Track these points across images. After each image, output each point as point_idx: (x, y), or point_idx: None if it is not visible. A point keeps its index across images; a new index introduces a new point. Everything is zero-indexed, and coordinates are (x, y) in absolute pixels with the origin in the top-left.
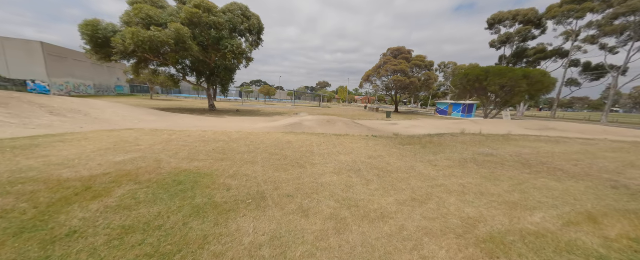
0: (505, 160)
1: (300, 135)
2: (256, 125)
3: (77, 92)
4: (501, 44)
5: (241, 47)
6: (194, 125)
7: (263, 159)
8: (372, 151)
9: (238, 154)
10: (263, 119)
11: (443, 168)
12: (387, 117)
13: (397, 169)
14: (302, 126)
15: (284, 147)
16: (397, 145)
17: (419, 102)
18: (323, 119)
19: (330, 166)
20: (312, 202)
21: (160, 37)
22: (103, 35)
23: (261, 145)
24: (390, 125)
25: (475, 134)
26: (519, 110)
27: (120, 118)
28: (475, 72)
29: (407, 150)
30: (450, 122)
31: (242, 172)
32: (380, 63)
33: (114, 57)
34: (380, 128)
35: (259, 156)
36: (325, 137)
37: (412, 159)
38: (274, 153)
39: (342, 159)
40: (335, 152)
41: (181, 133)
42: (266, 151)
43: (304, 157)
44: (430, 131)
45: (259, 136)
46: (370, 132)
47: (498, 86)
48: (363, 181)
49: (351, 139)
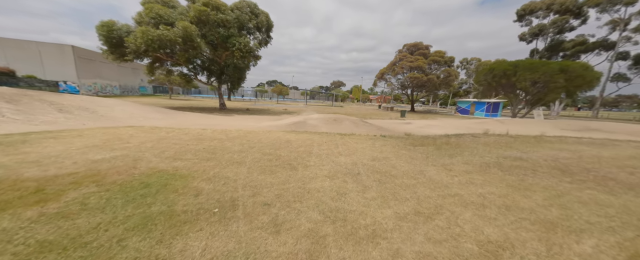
0: (538, 165)
1: (302, 134)
2: (260, 123)
3: (103, 92)
4: (533, 36)
5: (248, 45)
6: (197, 123)
7: (253, 160)
8: (378, 152)
9: (228, 154)
10: (270, 117)
11: (459, 173)
12: (401, 116)
13: (403, 174)
14: (306, 125)
15: (281, 147)
16: (407, 146)
17: (438, 101)
18: (329, 117)
19: (326, 168)
20: (290, 213)
21: (168, 36)
22: (117, 35)
23: (257, 144)
24: (403, 124)
25: (501, 134)
26: (553, 109)
27: (127, 116)
28: (502, 67)
29: (418, 152)
30: (471, 122)
31: (222, 174)
32: (395, 60)
33: (127, 57)
34: (391, 127)
35: (250, 156)
36: (328, 137)
37: (422, 162)
38: (268, 153)
39: (341, 160)
40: (335, 152)
41: (179, 131)
42: (260, 151)
43: (298, 158)
44: (447, 131)
45: (258, 135)
46: (379, 131)
47: (529, 82)
48: (359, 187)
49: (356, 139)
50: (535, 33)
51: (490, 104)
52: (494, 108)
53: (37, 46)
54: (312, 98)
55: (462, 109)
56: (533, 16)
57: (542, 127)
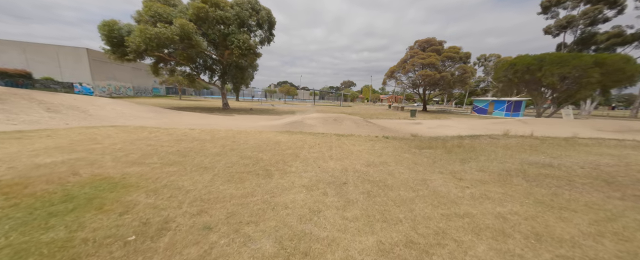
0: (575, 174)
1: (295, 134)
2: (257, 123)
3: (117, 93)
4: (560, 29)
5: (248, 42)
6: (190, 123)
7: (225, 165)
8: (376, 156)
9: (200, 157)
10: (270, 117)
11: (472, 184)
12: (410, 116)
13: (401, 184)
14: (303, 125)
15: (266, 149)
16: (411, 149)
17: (452, 101)
18: (329, 117)
19: (307, 176)
20: (232, 243)
21: (165, 34)
22: (118, 34)
23: (240, 146)
24: (411, 124)
25: (525, 136)
26: (584, 108)
27: (117, 115)
28: (525, 61)
29: (424, 156)
30: (489, 122)
31: (176, 184)
32: (406, 57)
33: (128, 57)
34: (396, 127)
35: (225, 160)
36: (323, 138)
37: (427, 169)
38: (247, 156)
39: (329, 166)
40: (325, 156)
41: (164, 131)
42: (240, 153)
43: (280, 162)
44: (461, 132)
45: (247, 135)
46: (382, 132)
47: (557, 77)
48: (341, 202)
49: (355, 140)
50: (563, 25)
51: (511, 102)
52: (516, 107)
53: (55, 49)
54: (321, 98)
55: (479, 109)
56: (560, 7)
57: (574, 128)
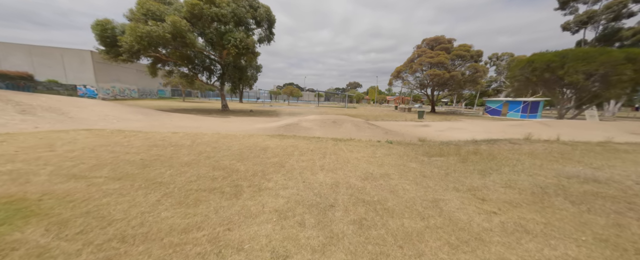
0: (632, 192)
1: (288, 139)
2: (251, 126)
3: (122, 95)
4: (579, 25)
5: (245, 41)
6: (177, 126)
7: (188, 179)
8: (376, 166)
9: (162, 168)
10: (269, 119)
11: (500, 207)
12: (418, 117)
13: (406, 206)
14: (298, 128)
15: (248, 157)
16: (418, 157)
17: (462, 102)
18: (328, 119)
19: (286, 194)
20: None
21: (156, 32)
22: (111, 34)
23: (219, 153)
24: (419, 127)
25: (550, 140)
26: (607, 109)
27: (98, 117)
28: (545, 58)
29: (434, 166)
30: (506, 125)
31: (104, 210)
32: (413, 56)
33: (122, 57)
34: (402, 130)
35: (190, 172)
36: (318, 143)
37: (439, 183)
38: (222, 167)
39: (318, 179)
40: (316, 166)
41: (142, 135)
42: (215, 163)
43: (258, 175)
44: (476, 135)
45: (234, 140)
46: (386, 135)
47: (582, 75)
48: (320, 238)
49: (354, 146)
50: (583, 21)
51: (528, 103)
52: (533, 108)
53: (60, 52)
54: (326, 100)
55: (492, 110)
56: (579, 2)
57: (605, 131)
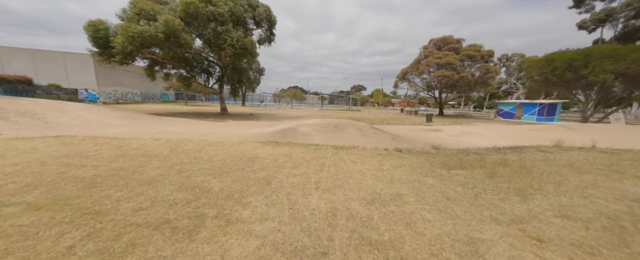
0: None
1: (282, 146)
2: (245, 131)
3: (124, 99)
4: (597, 23)
5: (242, 40)
6: (163, 132)
7: (136, 206)
8: (385, 182)
9: (114, 189)
10: (267, 123)
11: (571, 255)
12: (426, 121)
13: (432, 254)
14: (295, 133)
15: (229, 170)
16: (435, 169)
17: (470, 104)
18: (328, 123)
19: (262, 231)
20: None
21: (148, 31)
22: (104, 35)
23: (196, 165)
24: (429, 132)
25: (585, 148)
26: (629, 111)
27: (78, 123)
28: (566, 57)
29: (457, 182)
30: (525, 129)
31: None
32: (420, 57)
33: (115, 58)
34: (411, 136)
35: (147, 195)
36: (316, 151)
37: (470, 211)
38: (192, 185)
39: (310, 204)
40: (310, 183)
41: (117, 142)
42: (184, 181)
43: (233, 198)
44: (495, 142)
45: (220, 148)
46: (393, 142)
47: (611, 74)
48: None
49: (357, 155)
50: (601, 19)
51: (544, 105)
52: (550, 111)
53: (62, 56)
54: (330, 103)
55: (505, 112)
56: (596, 0)
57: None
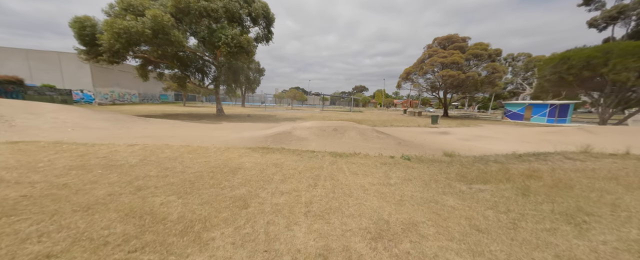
0: None
1: (273, 154)
2: (237, 134)
3: (121, 100)
4: (608, 21)
5: (237, 38)
6: (145, 135)
7: (42, 251)
8: (394, 204)
9: (23, 223)
10: (263, 125)
11: None
12: (432, 122)
13: None
14: (290, 137)
15: (201, 188)
16: (452, 184)
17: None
18: (328, 126)
19: None
20: None
21: (134, 27)
22: (90, 32)
23: (164, 179)
24: (436, 134)
25: (619, 154)
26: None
27: (51, 126)
28: (584, 54)
29: (484, 203)
30: (539, 131)
31: None
32: (424, 56)
33: (102, 57)
34: (418, 140)
35: (69, 230)
36: (311, 160)
37: (513, 250)
38: (142, 211)
39: (294, 242)
40: (299, 205)
41: (83, 149)
42: (136, 205)
43: (191, 231)
44: (512, 146)
45: (201, 155)
46: (399, 147)
47: (635, 72)
48: None
49: (359, 165)
50: (613, 17)
51: (555, 106)
52: (561, 112)
53: (57, 56)
54: (332, 104)
55: (513, 114)
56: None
57: None
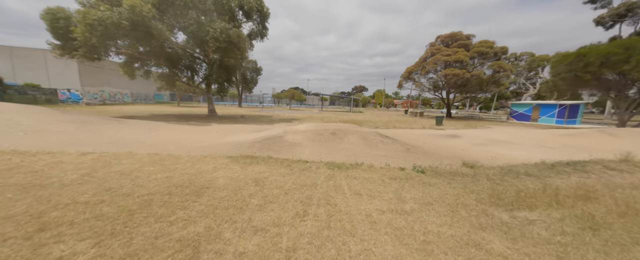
0: None
1: (256, 165)
2: (222, 138)
3: (112, 100)
4: (615, 18)
5: (227, 32)
6: (115, 141)
7: None
8: (414, 249)
9: None
10: (253, 127)
11: None
12: (436, 123)
13: None
14: (281, 143)
15: (137, 225)
16: (488, 210)
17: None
18: (325, 129)
19: None
20: None
21: (110, 18)
22: (64, 24)
23: (95, 208)
24: (445, 138)
25: None
26: None
27: (2, 130)
28: (602, 51)
29: (544, 248)
30: (555, 134)
31: None
32: (426, 55)
33: (77, 52)
34: (427, 145)
35: None
36: (303, 174)
37: None
38: None
39: None
40: (278, 254)
41: (19, 160)
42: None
43: None
44: (536, 154)
45: (168, 167)
46: (408, 155)
47: None
48: None
49: (363, 181)
50: (621, 14)
51: (565, 106)
52: (571, 112)
53: (43, 54)
54: (331, 104)
55: (519, 114)
56: None
57: None
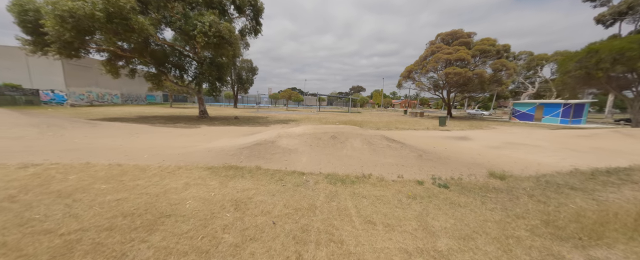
0: None
1: (240, 180)
2: (208, 143)
3: (100, 101)
4: (616, 16)
5: (216, 26)
6: (80, 148)
7: None
8: None
9: None
10: (245, 130)
11: None
12: (440, 124)
13: None
14: (273, 149)
15: None
16: (552, 248)
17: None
18: (324, 132)
19: None
20: None
21: (82, 9)
22: (34, 17)
23: None
24: (455, 140)
25: None
26: None
27: None
28: (616, 46)
29: None
30: (568, 134)
31: None
32: (426, 53)
33: (50, 48)
34: (438, 150)
35: None
36: (298, 191)
37: None
38: None
39: None
40: None
41: None
42: None
43: None
44: (560, 158)
45: (127, 185)
46: (423, 163)
47: None
48: None
49: (373, 201)
50: (622, 12)
51: (570, 106)
52: (576, 112)
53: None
54: (329, 104)
55: (522, 114)
56: None
57: None
